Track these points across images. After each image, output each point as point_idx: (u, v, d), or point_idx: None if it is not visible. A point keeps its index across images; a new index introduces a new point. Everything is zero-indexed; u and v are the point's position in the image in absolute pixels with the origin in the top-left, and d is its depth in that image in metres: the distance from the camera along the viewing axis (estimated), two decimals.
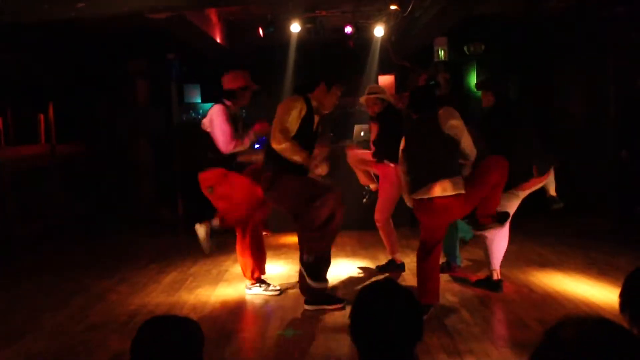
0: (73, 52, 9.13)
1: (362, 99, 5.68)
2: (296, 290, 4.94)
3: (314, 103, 4.63)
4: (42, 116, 8.41)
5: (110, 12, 6.21)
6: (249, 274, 5.16)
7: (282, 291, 5.15)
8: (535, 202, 5.26)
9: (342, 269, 5.88)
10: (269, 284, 5.18)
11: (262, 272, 5.25)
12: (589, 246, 6.36)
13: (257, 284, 5.17)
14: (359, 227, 7.00)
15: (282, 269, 6.03)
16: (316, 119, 4.68)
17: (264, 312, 4.79)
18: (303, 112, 4.57)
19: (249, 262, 5.11)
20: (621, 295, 1.94)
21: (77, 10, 5.82)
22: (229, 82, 5.10)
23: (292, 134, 4.56)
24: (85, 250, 7.41)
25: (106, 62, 9.54)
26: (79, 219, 8.81)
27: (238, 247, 5.16)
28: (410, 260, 5.55)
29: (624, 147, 6.54)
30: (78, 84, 9.33)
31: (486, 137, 4.74)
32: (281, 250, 6.86)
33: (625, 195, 6.79)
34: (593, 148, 8.14)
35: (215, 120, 4.96)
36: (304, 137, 4.61)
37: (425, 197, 4.35)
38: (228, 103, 5.09)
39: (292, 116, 4.55)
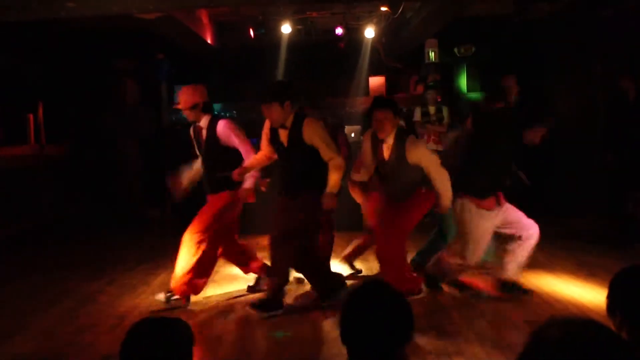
0: (62, 52, 9.09)
1: None
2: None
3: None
4: (31, 116, 8.36)
5: (100, 12, 6.17)
6: None
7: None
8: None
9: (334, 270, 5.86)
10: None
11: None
12: (579, 248, 6.38)
13: None
14: (349, 229, 6.99)
15: None
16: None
17: (254, 313, 4.76)
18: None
19: None
20: (608, 298, 1.93)
21: (67, 10, 5.78)
22: None
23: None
24: (74, 251, 7.36)
25: (96, 62, 9.49)
26: (68, 220, 8.76)
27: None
28: None
29: (610, 150, 6.58)
30: (67, 84, 9.28)
31: None
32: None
33: (614, 197, 6.83)
34: (581, 150, 8.18)
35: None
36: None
37: None
38: None
39: None
